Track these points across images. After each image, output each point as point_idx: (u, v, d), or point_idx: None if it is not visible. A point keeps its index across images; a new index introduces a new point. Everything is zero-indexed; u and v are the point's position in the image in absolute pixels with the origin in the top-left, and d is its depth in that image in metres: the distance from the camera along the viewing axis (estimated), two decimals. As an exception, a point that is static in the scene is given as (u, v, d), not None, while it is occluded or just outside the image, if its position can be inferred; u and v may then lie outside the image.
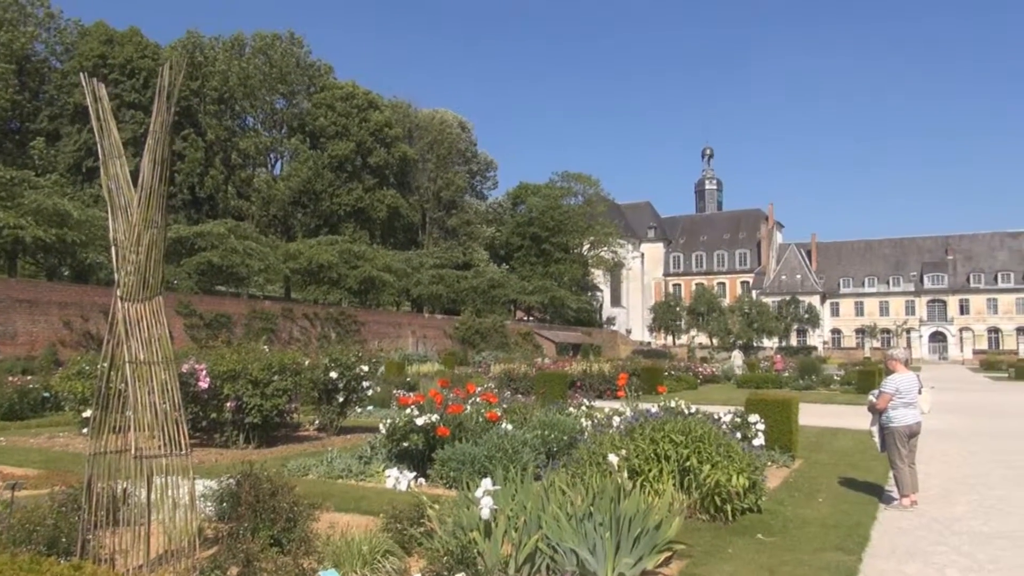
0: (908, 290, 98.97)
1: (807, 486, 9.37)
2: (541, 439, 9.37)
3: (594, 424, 10.01)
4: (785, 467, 10.58)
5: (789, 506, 8.16)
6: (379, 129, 62.79)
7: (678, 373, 31.91)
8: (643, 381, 25.33)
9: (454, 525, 5.21)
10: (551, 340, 61.36)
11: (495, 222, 79.25)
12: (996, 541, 7.00)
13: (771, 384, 29.68)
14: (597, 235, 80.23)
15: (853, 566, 6.06)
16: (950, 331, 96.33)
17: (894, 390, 8.37)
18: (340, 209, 60.78)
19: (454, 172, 73.25)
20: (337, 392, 13.83)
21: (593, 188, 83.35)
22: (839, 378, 33.38)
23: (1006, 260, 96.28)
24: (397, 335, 49.03)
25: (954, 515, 8.08)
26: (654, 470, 7.17)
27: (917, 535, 7.19)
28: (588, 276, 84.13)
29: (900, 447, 8.33)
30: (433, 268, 59.90)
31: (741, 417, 10.53)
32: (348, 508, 7.42)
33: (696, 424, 7.77)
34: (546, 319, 70.36)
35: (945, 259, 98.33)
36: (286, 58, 60.60)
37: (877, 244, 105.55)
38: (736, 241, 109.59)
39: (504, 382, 24.37)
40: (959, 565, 6.20)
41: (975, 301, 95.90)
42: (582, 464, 7.44)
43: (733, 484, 7.18)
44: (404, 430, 9.30)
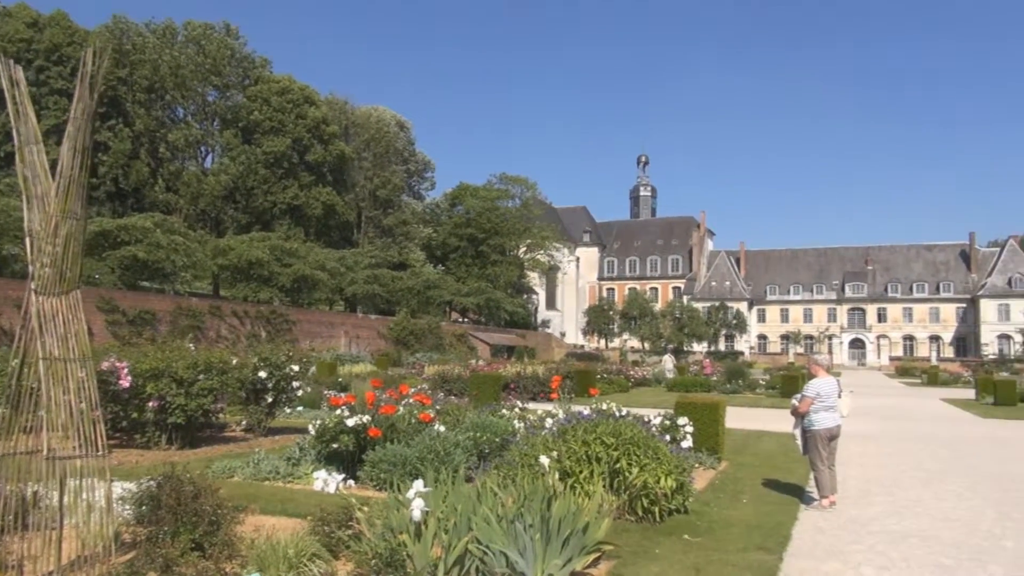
0: (830, 298, 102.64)
1: (732, 487, 9.61)
2: (474, 441, 9.35)
3: (527, 426, 10.04)
4: (712, 469, 10.82)
5: (715, 507, 8.35)
6: (316, 126, 61.69)
7: (610, 376, 32.32)
8: (576, 383, 25.57)
9: (383, 527, 5.15)
10: (486, 342, 61.36)
11: (432, 223, 78.83)
12: (908, 539, 7.31)
13: (700, 388, 30.33)
14: (534, 238, 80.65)
15: (774, 565, 6.24)
16: (868, 338, 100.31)
17: (815, 394, 8.66)
18: (275, 206, 59.50)
19: (391, 171, 72.56)
20: (266, 392, 13.52)
21: (531, 191, 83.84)
22: (764, 382, 34.38)
23: (921, 271, 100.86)
24: (330, 335, 48.22)
25: (870, 515, 8.40)
26: (585, 472, 7.23)
27: (835, 534, 7.45)
28: (524, 279, 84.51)
29: (821, 449, 8.62)
30: (368, 268, 59.17)
31: (670, 420, 10.73)
32: (275, 511, 7.26)
33: (627, 427, 7.88)
34: (481, 321, 70.36)
35: (865, 269, 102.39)
36: (220, 49, 58.96)
37: (802, 253, 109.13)
38: (669, 247, 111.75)
39: (438, 383, 24.25)
40: (874, 563, 6.44)
41: (892, 310, 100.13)
42: (514, 466, 7.45)
43: (661, 486, 7.31)
44: (334, 431, 9.15)
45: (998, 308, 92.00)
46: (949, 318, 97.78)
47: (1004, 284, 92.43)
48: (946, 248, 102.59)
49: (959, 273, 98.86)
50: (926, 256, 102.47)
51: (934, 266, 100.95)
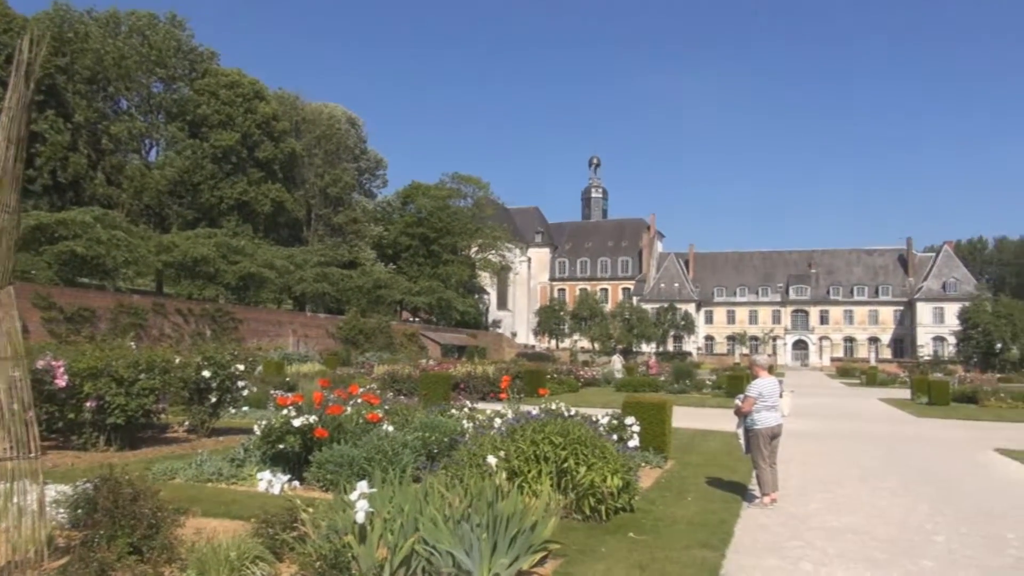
0: (775, 300, 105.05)
1: (678, 486, 9.77)
2: (422, 441, 9.32)
3: (476, 426, 10.04)
4: (658, 468, 10.98)
5: (660, 505, 8.48)
6: (266, 121, 60.59)
7: (560, 376, 32.51)
8: (526, 383, 25.67)
9: (328, 529, 5.09)
10: (437, 342, 61.15)
11: (383, 221, 78.13)
12: (844, 535, 7.54)
13: (648, 388, 30.72)
14: (486, 238, 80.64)
15: (717, 562, 6.37)
16: (811, 339, 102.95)
17: (757, 394, 8.87)
18: (222, 202, 58.25)
19: (342, 168, 71.70)
20: (210, 392, 13.25)
21: (483, 191, 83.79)
22: (711, 382, 35.00)
23: (861, 275, 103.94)
24: (277, 334, 47.46)
25: (809, 512, 8.63)
26: (533, 471, 7.27)
27: (776, 531, 7.64)
28: (476, 278, 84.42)
29: (763, 448, 8.82)
30: (318, 266, 58.37)
31: (618, 419, 10.86)
32: (217, 513, 7.12)
33: (574, 426, 7.95)
34: (432, 320, 70.05)
35: (808, 272, 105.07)
36: (166, 40, 57.42)
37: (749, 256, 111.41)
38: (619, 249, 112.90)
39: (387, 383, 24.09)
40: (812, 558, 6.62)
41: (834, 312, 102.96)
42: (462, 466, 7.45)
43: (608, 484, 7.39)
44: (280, 431, 9.01)
45: (933, 311, 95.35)
46: (887, 320, 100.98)
47: (939, 288, 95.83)
48: (885, 253, 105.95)
49: (897, 277, 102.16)
50: (866, 260, 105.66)
51: (874, 270, 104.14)
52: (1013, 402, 27.30)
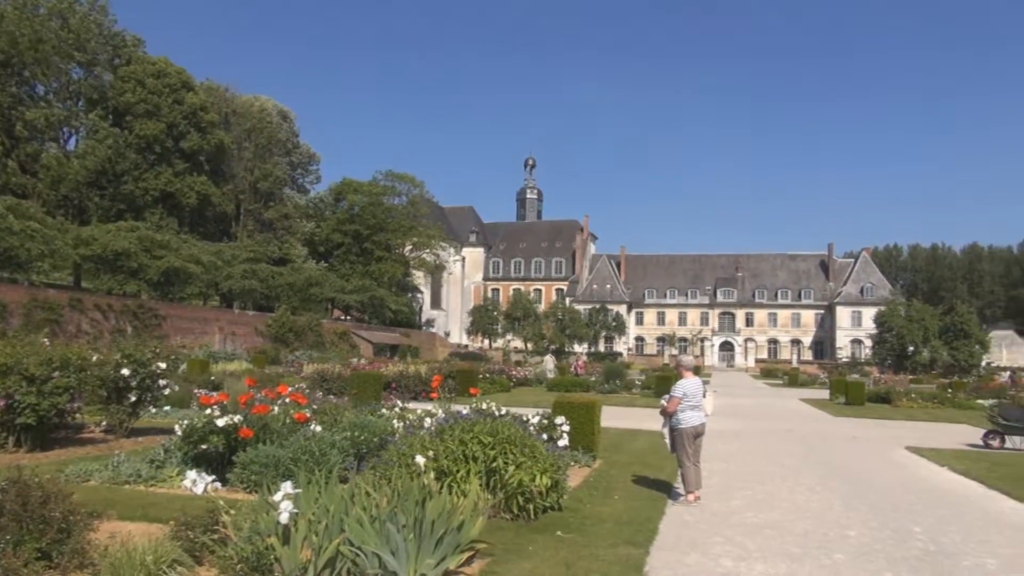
0: (704, 302, 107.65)
1: (605, 484, 9.92)
2: (351, 441, 9.22)
3: (406, 426, 9.99)
4: (587, 467, 11.12)
5: (588, 504, 8.59)
6: (193, 112, 58.75)
7: (493, 376, 32.59)
8: (458, 383, 25.62)
9: (250, 531, 4.99)
10: (369, 340, 60.45)
11: (316, 217, 76.75)
12: (764, 531, 7.79)
13: (579, 388, 31.08)
14: (420, 236, 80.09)
15: (641, 558, 6.50)
16: (737, 341, 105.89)
17: (682, 394, 9.08)
18: (146, 194, 56.21)
19: (273, 163, 70.11)
20: (129, 391, 12.77)
21: (418, 189, 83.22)
22: (640, 383, 35.63)
23: (785, 279, 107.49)
24: (203, 331, 46.15)
25: (731, 509, 8.89)
26: (462, 471, 7.27)
27: (699, 528, 7.84)
28: (409, 277, 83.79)
29: (687, 447, 9.04)
30: (247, 262, 56.97)
31: (548, 419, 10.94)
32: (134, 516, 6.89)
33: (504, 426, 7.99)
34: (365, 319, 69.21)
35: (735, 276, 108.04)
36: (86, 24, 55.08)
37: (679, 259, 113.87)
38: (553, 250, 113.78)
39: (317, 382, 23.70)
40: (732, 554, 6.82)
41: (759, 315, 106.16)
42: (391, 466, 7.40)
43: (536, 484, 7.45)
44: (203, 431, 8.78)
45: (852, 315, 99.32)
46: (809, 323, 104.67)
47: (857, 293, 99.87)
48: (808, 258, 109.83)
49: (819, 281, 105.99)
50: (790, 265, 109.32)
51: (797, 274, 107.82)
52: (923, 402, 28.68)
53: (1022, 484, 10.96)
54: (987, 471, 12.24)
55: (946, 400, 29.49)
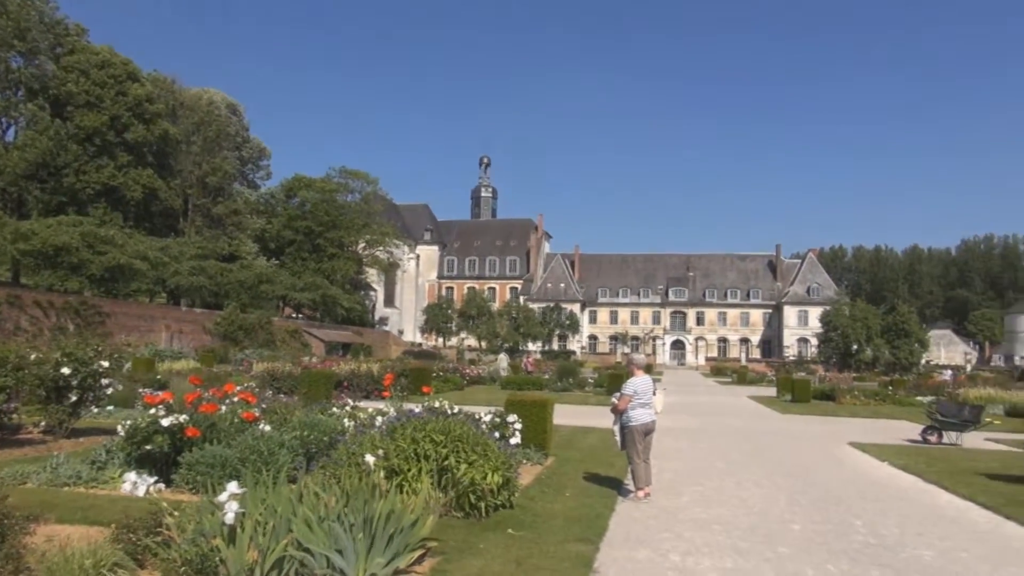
0: (655, 301, 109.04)
1: (557, 482, 9.97)
2: (300, 440, 9.10)
3: (357, 424, 9.90)
4: (539, 464, 11.16)
5: (539, 501, 8.63)
6: (138, 103, 57.14)
7: (446, 374, 32.50)
8: (411, 381, 25.51)
9: (195, 532, 4.89)
10: (320, 339, 59.67)
11: (266, 214, 75.33)
12: (711, 526, 7.93)
13: (532, 386, 31.18)
14: (373, 234, 79.32)
15: (591, 555, 6.55)
16: (688, 340, 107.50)
17: (633, 392, 9.18)
18: (88, 187, 54.51)
19: (222, 157, 68.58)
20: (70, 390, 12.37)
21: (371, 186, 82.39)
22: (593, 381, 35.92)
23: (735, 279, 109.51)
24: (149, 329, 44.99)
25: (679, 505, 9.02)
26: (413, 470, 7.24)
27: (648, 524, 7.93)
28: (362, 275, 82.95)
29: (637, 444, 9.14)
30: (194, 258, 55.67)
31: (501, 417, 10.97)
32: (74, 519, 6.69)
33: (456, 424, 7.97)
34: (317, 317, 68.27)
35: (687, 275, 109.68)
36: (25, 10, 53.14)
37: (631, 258, 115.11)
38: (508, 248, 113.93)
39: (267, 381, 23.33)
40: (679, 549, 6.93)
41: (709, 314, 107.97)
42: (341, 465, 7.33)
43: (488, 482, 7.46)
44: (147, 431, 8.55)
45: (798, 314, 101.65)
46: (757, 322, 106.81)
47: (804, 292, 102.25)
48: (756, 258, 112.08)
49: (767, 281, 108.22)
50: (739, 265, 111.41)
51: (746, 274, 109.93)
52: (865, 399, 29.49)
53: (957, 478, 11.36)
54: (925, 466, 12.65)
55: (887, 397, 30.38)
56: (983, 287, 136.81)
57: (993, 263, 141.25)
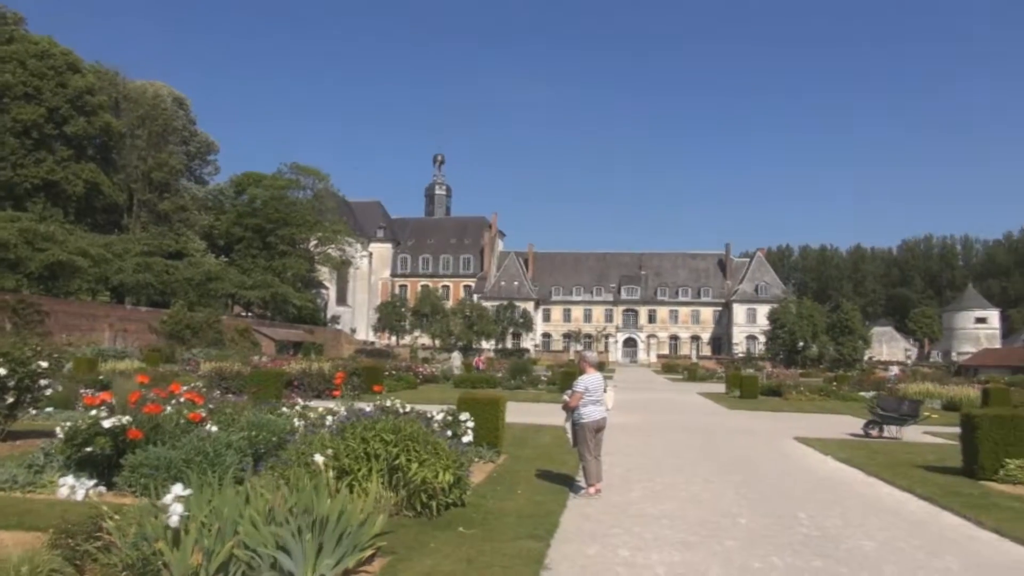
0: (608, 300, 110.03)
1: (509, 479, 10.00)
2: (249, 440, 8.95)
3: (307, 424, 9.78)
4: (491, 462, 11.18)
5: (491, 499, 8.64)
6: (79, 95, 55.43)
7: (399, 373, 32.30)
8: (363, 380, 25.28)
9: (137, 536, 4.77)
10: (271, 337, 58.74)
11: (215, 210, 73.76)
12: (660, 520, 8.04)
13: (486, 384, 31.21)
14: (325, 231, 78.32)
15: (542, 551, 6.59)
16: (640, 337, 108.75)
17: (584, 389, 9.25)
18: (26, 182, 52.68)
19: (169, 152, 66.85)
20: (6, 392, 11.94)
21: (323, 183, 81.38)
22: (546, 379, 36.09)
23: (686, 277, 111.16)
24: (91, 328, 43.72)
25: (630, 500, 9.13)
26: (364, 469, 7.18)
27: (599, 519, 8.01)
28: (314, 273, 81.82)
29: (589, 441, 9.22)
30: (140, 255, 54.25)
31: (453, 416, 10.95)
32: (9, 524, 6.48)
33: (407, 423, 7.94)
34: (267, 315, 67.16)
35: (639, 274, 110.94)
36: (-42, -2, 51.20)
37: (585, 257, 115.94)
38: (462, 246, 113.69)
39: (215, 381, 22.90)
40: (630, 544, 7.02)
41: (660, 312, 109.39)
42: (290, 465, 7.24)
43: (439, 480, 7.44)
44: (88, 433, 8.31)
45: (747, 312, 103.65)
46: (708, 320, 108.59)
47: (752, 291, 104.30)
48: (707, 257, 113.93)
49: (717, 280, 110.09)
50: (690, 264, 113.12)
51: (696, 273, 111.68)
52: (811, 395, 30.22)
53: (897, 470, 11.72)
54: (866, 459, 13.03)
55: (831, 393, 31.18)
56: (922, 286, 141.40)
57: (932, 263, 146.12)
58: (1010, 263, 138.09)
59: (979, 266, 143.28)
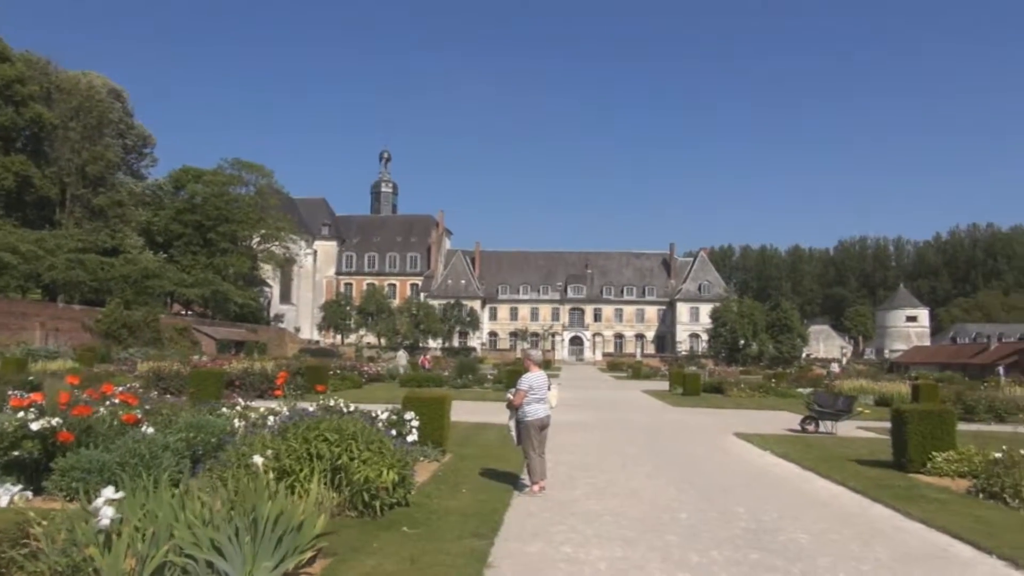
0: (555, 298, 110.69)
1: (453, 478, 9.99)
2: (186, 442, 8.74)
3: (247, 425, 9.60)
4: (436, 461, 11.15)
5: (436, 498, 8.62)
6: (7, 85, 53.27)
7: (344, 372, 31.96)
8: (307, 380, 24.94)
9: (66, 542, 4.61)
10: (212, 336, 57.40)
11: (153, 206, 71.61)
12: (603, 517, 8.13)
13: (432, 383, 31.11)
14: (269, 228, 76.82)
15: (485, 549, 6.60)
16: (586, 336, 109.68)
17: (528, 387, 9.30)
18: (-50, 174, 50.48)
19: (104, 144, 64.67)
20: (-74, 393, 11.44)
21: (266, 179, 79.73)
22: (493, 377, 36.13)
23: (631, 276, 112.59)
24: (21, 327, 42.09)
25: (573, 497, 9.21)
26: (306, 470, 7.09)
27: (543, 517, 8.06)
28: (257, 271, 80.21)
29: (533, 439, 9.27)
30: (73, 252, 52.38)
31: (398, 415, 10.88)
32: (-72, 532, 6.18)
33: (350, 422, 7.86)
34: (208, 314, 65.59)
35: (585, 273, 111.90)
36: None
37: (532, 256, 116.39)
38: (408, 244, 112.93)
39: (152, 381, 22.34)
40: (572, 541, 7.08)
41: (606, 310, 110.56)
42: (229, 467, 7.10)
43: (383, 480, 7.39)
44: (15, 436, 8.00)
45: (690, 310, 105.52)
46: (652, 319, 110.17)
47: (695, 290, 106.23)
48: (651, 257, 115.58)
49: (661, 279, 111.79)
50: (635, 263, 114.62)
51: (641, 272, 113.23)
52: (751, 392, 30.93)
53: (831, 464, 12.09)
54: (803, 453, 13.40)
55: (771, 390, 31.97)
56: (857, 285, 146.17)
57: (867, 263, 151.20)
58: (939, 263, 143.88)
59: (910, 266, 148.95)
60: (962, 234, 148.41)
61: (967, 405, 21.56)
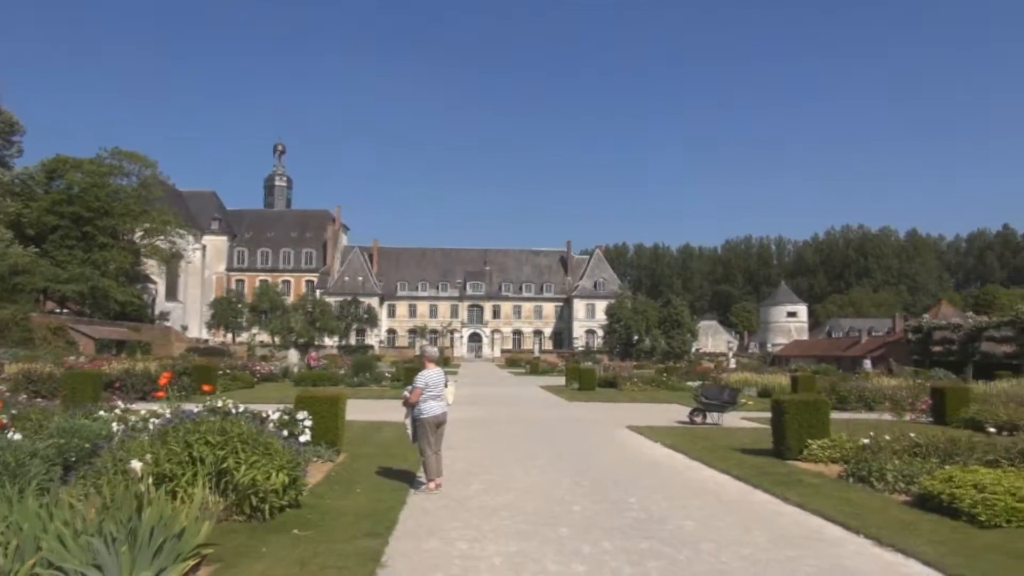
0: (454, 295, 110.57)
1: (348, 478, 9.82)
2: (57, 448, 8.21)
3: (126, 428, 9.12)
4: (330, 461, 10.93)
5: (329, 499, 8.45)
6: None
7: (235, 371, 30.90)
8: (195, 380, 23.91)
9: (-84, 560, 4.25)
10: (90, 336, 54.10)
11: (23, 196, 66.79)
12: (499, 512, 8.19)
13: (328, 381, 30.48)
14: (153, 222, 73.04)
15: (379, 548, 6.53)
16: (485, 332, 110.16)
17: (424, 384, 9.25)
18: None
19: (-34, 131, 60.02)
20: None
21: (150, 169, 75.74)
22: (391, 375, 35.73)
23: (529, 273, 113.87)
24: None
25: (469, 494, 9.23)
26: (188, 474, 6.79)
27: (438, 514, 8.04)
28: (140, 266, 76.16)
29: (429, 436, 9.23)
30: (-70, 245, 48.31)
31: (290, 415, 10.60)
32: None
33: (235, 424, 7.59)
34: (86, 312, 61.77)
35: (484, 270, 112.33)
36: None
37: (431, 252, 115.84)
38: (303, 240, 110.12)
39: (22, 384, 20.87)
40: (467, 537, 7.10)
41: (505, 307, 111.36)
42: (104, 473, 6.72)
43: (272, 482, 7.18)
44: None
45: (586, 307, 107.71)
46: (550, 315, 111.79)
47: (591, 287, 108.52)
48: (550, 254, 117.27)
49: (559, 276, 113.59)
50: (534, 260, 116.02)
51: (539, 269, 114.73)
52: (644, 386, 31.89)
53: (717, 454, 12.62)
54: (691, 444, 13.93)
55: (662, 383, 33.05)
56: (743, 282, 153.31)
57: (751, 261, 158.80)
58: (816, 262, 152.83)
59: (791, 265, 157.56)
60: (837, 235, 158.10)
61: (840, 395, 22.99)
